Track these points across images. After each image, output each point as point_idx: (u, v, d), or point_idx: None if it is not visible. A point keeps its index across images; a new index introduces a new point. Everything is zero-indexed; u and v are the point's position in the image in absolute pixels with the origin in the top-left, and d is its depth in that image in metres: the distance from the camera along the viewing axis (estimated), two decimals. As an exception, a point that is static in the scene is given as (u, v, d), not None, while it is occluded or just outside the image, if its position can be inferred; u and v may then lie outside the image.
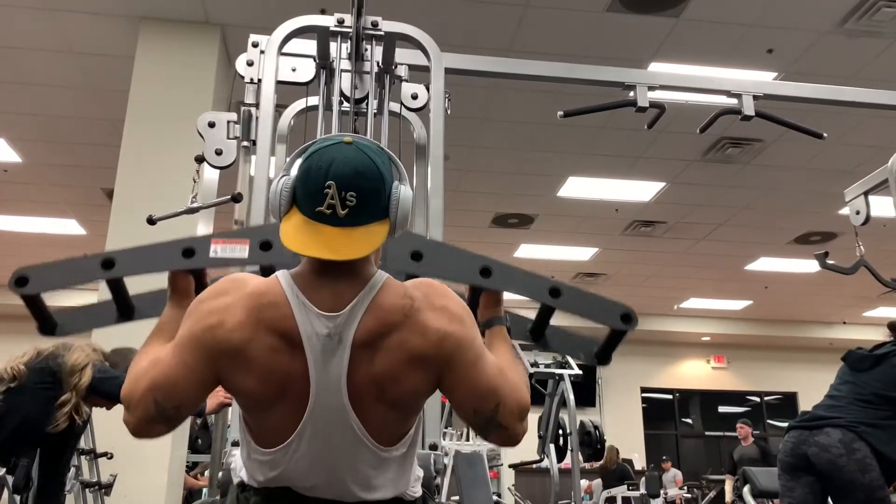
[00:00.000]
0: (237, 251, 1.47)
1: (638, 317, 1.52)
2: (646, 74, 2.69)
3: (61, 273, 1.44)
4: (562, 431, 5.81)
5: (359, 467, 1.20)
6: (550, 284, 1.53)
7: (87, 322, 1.62)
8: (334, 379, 1.15)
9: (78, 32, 4.66)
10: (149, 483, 3.96)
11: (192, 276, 1.42)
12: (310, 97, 2.44)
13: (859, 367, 2.87)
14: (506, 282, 1.49)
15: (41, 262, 1.42)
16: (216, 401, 2.59)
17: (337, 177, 1.15)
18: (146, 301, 1.55)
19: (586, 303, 1.55)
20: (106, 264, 1.43)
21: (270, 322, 1.15)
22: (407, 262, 1.52)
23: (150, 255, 1.45)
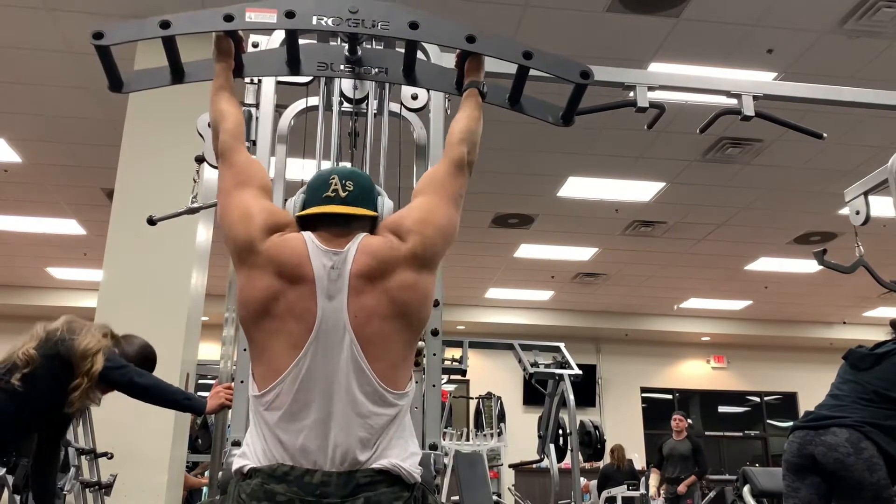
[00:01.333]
0: (267, 17, 1.74)
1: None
2: (646, 74, 2.68)
3: (129, 30, 1.76)
4: (562, 431, 5.82)
5: (358, 397, 1.37)
6: (524, 48, 1.82)
7: (148, 81, 1.92)
8: (337, 303, 1.40)
9: (78, 32, 4.66)
10: (149, 483, 3.96)
11: (231, 40, 1.76)
12: (310, 97, 2.44)
13: (860, 365, 2.87)
14: (487, 46, 1.81)
15: None
16: (217, 401, 2.58)
17: (338, 173, 1.56)
18: (195, 66, 1.87)
19: (553, 62, 1.85)
20: (163, 25, 1.71)
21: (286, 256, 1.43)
22: (406, 30, 1.79)
23: (199, 19, 1.75)
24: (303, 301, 1.40)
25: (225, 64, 1.75)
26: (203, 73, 1.85)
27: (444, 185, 1.60)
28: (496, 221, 7.95)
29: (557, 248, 8.82)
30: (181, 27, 1.73)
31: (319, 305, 1.39)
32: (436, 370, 1.99)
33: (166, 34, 1.72)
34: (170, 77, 1.85)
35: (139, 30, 1.75)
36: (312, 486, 1.30)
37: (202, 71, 1.85)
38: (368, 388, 1.38)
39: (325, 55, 1.95)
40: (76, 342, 2.55)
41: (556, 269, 9.51)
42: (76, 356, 2.53)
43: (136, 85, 1.90)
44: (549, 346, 6.02)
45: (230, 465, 1.48)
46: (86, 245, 8.56)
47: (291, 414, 1.36)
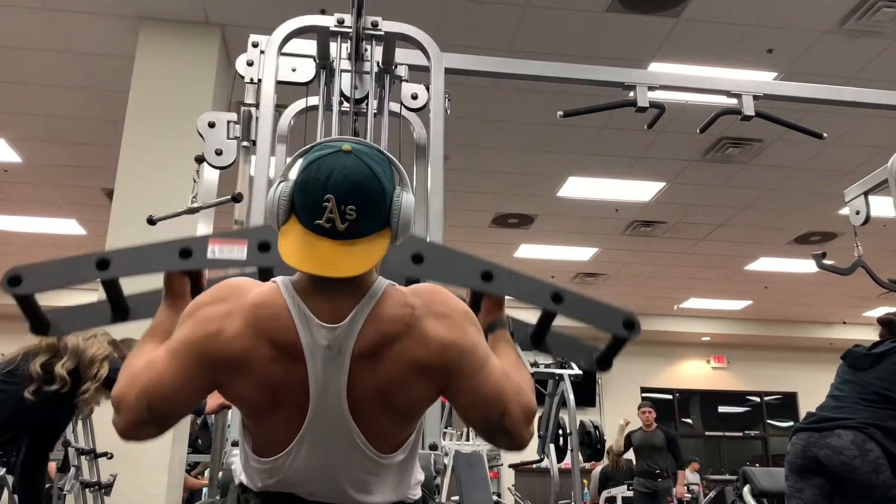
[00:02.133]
0: (235, 252, 1.44)
1: (640, 321, 1.51)
2: (646, 74, 2.69)
3: (55, 273, 1.40)
4: (562, 431, 5.81)
5: (358, 475, 1.20)
6: (553, 289, 1.51)
7: (81, 322, 1.60)
8: (334, 390, 1.14)
9: (78, 32, 4.66)
10: (149, 483, 3.96)
11: (188, 278, 1.39)
12: (310, 97, 2.44)
13: (859, 365, 2.87)
14: (507, 286, 1.48)
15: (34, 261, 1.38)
16: (216, 401, 2.59)
17: (336, 190, 1.12)
18: (142, 301, 1.51)
19: (589, 308, 1.51)
20: (101, 265, 1.40)
21: (271, 333, 1.13)
22: (408, 265, 1.49)
23: (146, 256, 1.42)
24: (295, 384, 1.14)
25: (173, 311, 1.30)
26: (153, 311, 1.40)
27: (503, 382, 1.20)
28: (496, 221, 7.94)
29: (557, 248, 8.82)
30: (122, 268, 1.41)
31: (312, 394, 1.14)
32: (436, 370, 1.97)
33: (105, 276, 1.41)
34: (110, 315, 1.51)
35: (69, 272, 1.42)
36: None
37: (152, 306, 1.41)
38: (369, 462, 1.20)
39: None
40: (86, 350, 2.60)
41: (556, 269, 9.51)
42: (84, 362, 2.57)
43: (65, 326, 1.54)
44: (549, 346, 6.00)
45: (230, 465, 1.46)
46: (86, 245, 8.55)
47: (285, 483, 1.21)
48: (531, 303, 1.52)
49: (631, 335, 1.47)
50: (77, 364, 2.58)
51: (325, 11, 2.37)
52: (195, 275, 1.41)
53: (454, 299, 1.23)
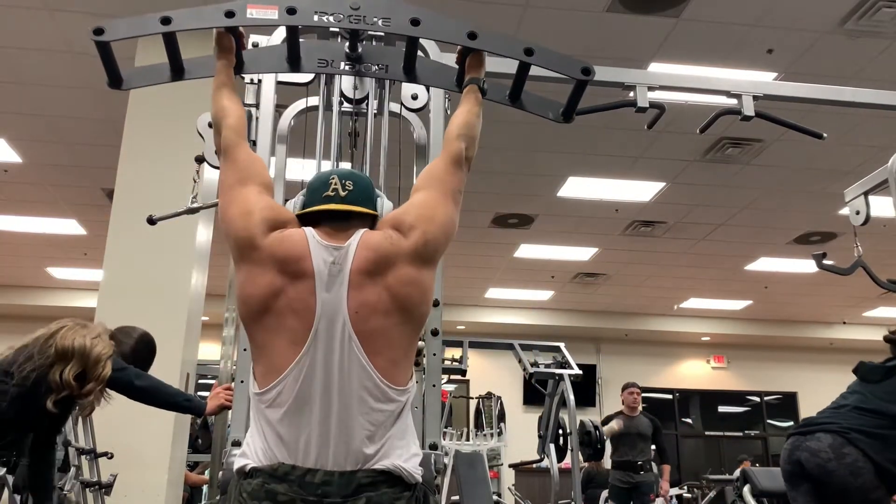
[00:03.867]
0: (268, 13, 1.74)
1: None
2: (646, 74, 2.68)
3: (130, 26, 1.74)
4: (562, 431, 5.81)
5: (358, 392, 1.37)
6: (525, 45, 1.82)
7: (147, 78, 1.91)
8: (336, 300, 1.40)
9: (78, 32, 4.66)
10: (149, 483, 3.96)
11: (232, 37, 1.75)
12: (310, 97, 2.44)
13: (869, 377, 2.84)
14: (488, 43, 1.81)
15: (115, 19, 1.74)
16: (216, 402, 2.59)
17: (338, 173, 1.57)
18: (195, 63, 1.85)
19: (554, 59, 1.85)
20: (164, 21, 1.71)
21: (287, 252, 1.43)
22: (407, 27, 1.79)
23: (200, 15, 1.74)
24: (303, 297, 1.39)
25: (226, 61, 1.75)
26: (203, 70, 1.85)
27: (443, 180, 1.60)
28: (496, 221, 7.95)
29: (557, 248, 8.82)
30: (182, 23, 1.72)
31: (319, 301, 1.39)
32: (436, 370, 1.99)
33: (167, 30, 1.72)
34: (169, 74, 1.84)
35: (141, 26, 1.74)
36: (314, 485, 1.30)
37: (202, 68, 1.84)
38: (369, 382, 1.37)
39: (325, 52, 1.95)
40: (92, 350, 2.60)
41: (556, 269, 9.51)
42: (90, 362, 2.57)
43: (135, 81, 1.90)
44: (549, 346, 6.01)
45: (230, 465, 1.47)
46: (86, 245, 8.56)
47: (293, 411, 1.36)
48: (508, 56, 1.86)
49: (588, 79, 1.82)
50: (83, 366, 2.58)
51: (325, 11, 2.37)
52: (238, 34, 1.77)
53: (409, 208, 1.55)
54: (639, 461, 6.01)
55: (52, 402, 2.56)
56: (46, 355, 2.59)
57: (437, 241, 1.51)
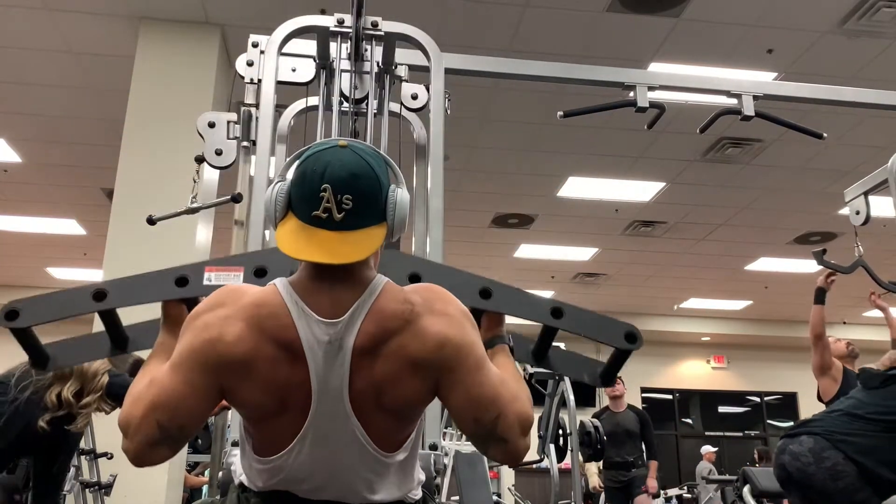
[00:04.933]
0: (231, 279, 1.44)
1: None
2: (646, 74, 2.69)
3: (52, 306, 1.40)
4: (562, 431, 5.80)
5: (361, 473, 1.19)
6: (552, 305, 1.49)
7: (80, 355, 1.61)
8: (336, 386, 1.14)
9: (78, 32, 4.66)
10: (149, 483, 3.96)
11: (185, 305, 1.39)
12: (310, 97, 2.44)
13: (869, 384, 2.84)
14: (506, 304, 1.46)
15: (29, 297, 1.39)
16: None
17: (332, 180, 1.13)
18: (140, 331, 1.52)
19: (589, 322, 1.51)
20: (97, 296, 1.40)
21: (272, 332, 1.13)
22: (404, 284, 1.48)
23: (143, 286, 1.43)
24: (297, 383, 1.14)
25: (171, 337, 1.28)
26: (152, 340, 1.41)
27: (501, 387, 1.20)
28: (496, 221, 7.94)
29: (557, 248, 8.81)
30: (120, 298, 1.42)
31: (314, 391, 1.14)
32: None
33: (102, 308, 1.42)
34: (109, 347, 1.51)
35: (66, 304, 1.41)
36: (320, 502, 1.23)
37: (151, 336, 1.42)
38: (370, 459, 1.19)
39: None
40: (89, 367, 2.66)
41: (556, 269, 9.50)
42: (88, 378, 2.64)
43: (64, 359, 1.55)
44: (548, 346, 6.00)
45: (230, 466, 1.46)
46: (86, 245, 8.56)
47: (287, 481, 1.20)
48: (531, 319, 1.50)
49: (633, 348, 1.47)
50: (82, 384, 2.63)
51: (325, 11, 2.38)
52: (192, 301, 1.39)
53: (452, 297, 1.23)
54: (629, 459, 5.85)
55: (45, 421, 2.59)
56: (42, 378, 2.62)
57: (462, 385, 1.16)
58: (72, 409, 2.61)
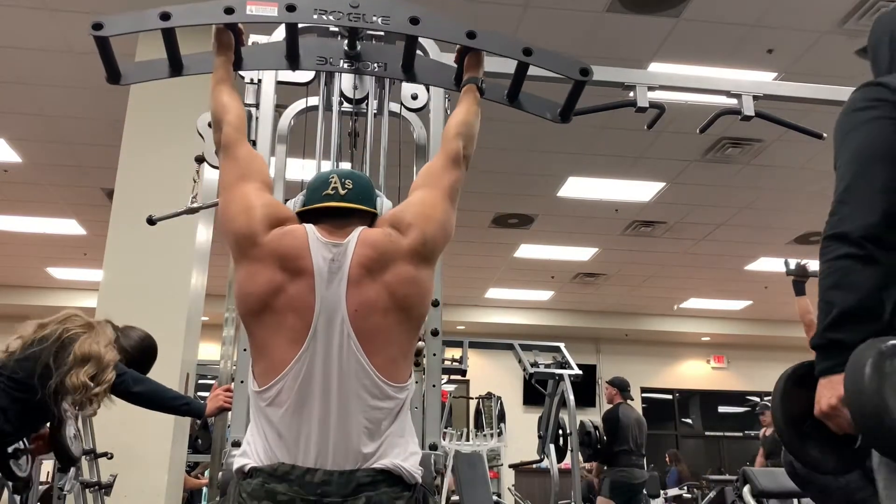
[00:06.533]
0: (268, 10, 1.75)
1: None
2: (646, 74, 2.69)
3: (129, 21, 1.74)
4: (562, 431, 5.81)
5: (357, 391, 1.37)
6: (524, 45, 1.83)
7: (146, 73, 1.89)
8: (335, 297, 1.39)
9: (78, 32, 4.65)
10: (149, 483, 3.96)
11: (231, 33, 1.75)
12: (310, 97, 2.44)
13: None
14: (487, 42, 1.82)
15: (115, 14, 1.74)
16: (216, 404, 2.60)
17: (337, 173, 1.58)
18: (194, 59, 1.85)
19: (553, 59, 1.87)
20: (164, 16, 1.71)
21: (288, 248, 1.43)
22: (406, 25, 1.80)
23: (199, 11, 1.73)
24: (302, 294, 1.39)
25: (225, 57, 1.74)
26: (202, 66, 1.84)
27: (441, 179, 1.60)
28: (496, 221, 7.94)
29: (557, 248, 8.81)
30: (182, 19, 1.72)
31: (318, 298, 1.39)
32: (436, 370, 1.99)
33: (166, 26, 1.72)
34: (168, 69, 1.83)
35: (139, 21, 1.75)
36: (313, 485, 1.30)
37: (201, 64, 1.84)
38: (367, 380, 1.37)
39: (324, 50, 1.95)
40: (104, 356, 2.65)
41: (556, 269, 9.51)
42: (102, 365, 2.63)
43: (133, 77, 1.88)
44: (549, 346, 6.01)
45: (230, 466, 1.47)
46: (86, 245, 8.56)
47: (293, 409, 1.35)
48: (506, 55, 1.86)
49: (587, 79, 1.83)
50: (97, 369, 2.63)
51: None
52: (237, 31, 1.77)
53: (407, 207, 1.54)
54: None
55: (70, 403, 2.63)
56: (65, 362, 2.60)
57: (436, 239, 1.50)
58: (87, 391, 2.62)
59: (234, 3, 1.72)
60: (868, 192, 1.39)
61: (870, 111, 1.46)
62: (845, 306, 1.27)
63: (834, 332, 1.28)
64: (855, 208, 1.39)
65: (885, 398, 1.15)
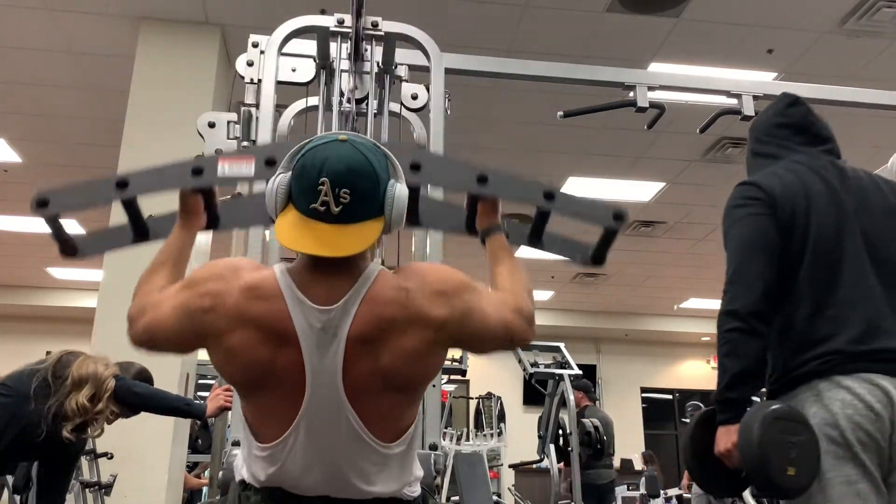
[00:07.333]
0: (243, 169, 1.50)
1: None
2: (646, 74, 2.69)
3: (79, 194, 1.49)
4: (562, 431, 5.81)
5: (359, 464, 1.21)
6: (545, 188, 1.59)
7: (106, 244, 1.68)
8: (330, 373, 1.16)
9: (78, 32, 4.66)
10: (149, 483, 3.96)
11: (201, 196, 1.46)
12: (310, 97, 2.44)
13: None
14: (501, 188, 1.54)
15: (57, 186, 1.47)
16: (216, 404, 2.61)
17: (330, 173, 1.16)
18: (160, 223, 1.58)
19: (579, 205, 1.62)
20: (120, 184, 1.47)
21: (260, 316, 1.17)
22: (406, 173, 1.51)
23: (162, 175, 1.49)
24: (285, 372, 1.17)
25: (188, 229, 1.43)
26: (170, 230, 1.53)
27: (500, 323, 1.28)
28: (496, 221, 7.93)
29: (557, 248, 8.80)
30: (141, 186, 1.48)
31: (308, 377, 1.16)
32: (436, 370, 1.98)
33: (124, 196, 1.48)
34: (131, 237, 1.57)
35: (92, 192, 1.51)
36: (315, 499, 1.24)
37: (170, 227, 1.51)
38: (367, 450, 1.21)
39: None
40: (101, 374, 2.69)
41: (556, 269, 9.50)
42: (99, 381, 2.67)
43: (92, 250, 1.62)
44: (549, 346, 6.01)
45: (231, 465, 1.46)
46: (86, 245, 8.55)
47: (287, 470, 1.22)
48: (525, 201, 1.61)
49: (620, 226, 1.56)
50: (95, 389, 2.66)
51: (325, 11, 2.37)
52: (207, 192, 1.47)
53: (442, 272, 1.28)
54: None
55: (68, 430, 2.61)
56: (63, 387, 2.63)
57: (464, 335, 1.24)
58: (87, 414, 2.63)
59: (204, 162, 1.48)
60: (750, 277, 1.66)
61: (746, 208, 1.75)
62: (735, 371, 1.63)
63: (729, 392, 1.64)
64: (741, 290, 1.66)
65: (766, 454, 1.54)
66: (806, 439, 1.56)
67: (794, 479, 1.55)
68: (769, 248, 1.68)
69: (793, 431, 1.56)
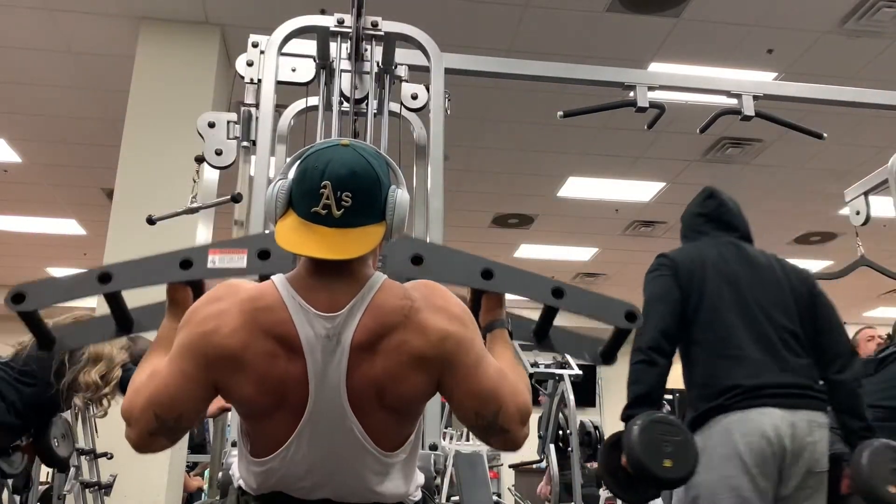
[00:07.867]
0: (235, 261, 1.44)
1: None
2: (646, 74, 2.69)
3: (58, 289, 1.41)
4: (562, 431, 5.80)
5: (362, 473, 1.19)
6: (553, 285, 1.52)
7: (85, 337, 1.64)
8: (333, 381, 1.14)
9: (78, 32, 4.66)
10: (149, 483, 3.95)
11: (190, 288, 1.40)
12: (310, 97, 2.44)
13: (866, 370, 2.86)
14: (507, 284, 1.48)
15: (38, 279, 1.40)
16: (216, 404, 2.61)
17: (333, 177, 1.15)
18: (146, 314, 1.52)
19: (589, 302, 1.55)
20: (103, 278, 1.40)
21: (267, 326, 1.13)
22: (407, 266, 1.48)
23: (147, 268, 1.42)
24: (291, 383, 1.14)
25: (177, 321, 1.27)
26: (157, 322, 1.44)
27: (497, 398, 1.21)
28: (496, 221, 7.94)
29: (557, 248, 8.81)
30: (125, 280, 1.41)
31: (312, 386, 1.14)
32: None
33: (107, 290, 1.41)
34: (115, 329, 1.51)
35: (73, 287, 1.43)
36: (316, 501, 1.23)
37: (157, 318, 1.43)
38: (371, 459, 1.19)
39: None
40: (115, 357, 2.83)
41: (556, 269, 9.50)
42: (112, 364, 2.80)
43: (70, 341, 1.57)
44: (549, 346, 5.99)
45: (230, 465, 1.46)
46: (86, 245, 8.56)
47: (287, 481, 1.21)
48: (532, 299, 1.52)
49: (633, 326, 1.50)
50: (108, 368, 2.76)
51: (325, 11, 2.38)
52: (196, 284, 1.41)
53: (452, 296, 1.24)
54: None
55: (82, 400, 2.81)
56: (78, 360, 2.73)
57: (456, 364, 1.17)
58: (98, 391, 2.74)
59: (193, 254, 1.42)
60: (653, 321, 2.07)
61: (656, 272, 2.21)
62: (638, 393, 2.06)
63: (630, 410, 2.04)
64: (645, 330, 2.05)
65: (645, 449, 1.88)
66: (682, 439, 1.88)
67: (671, 471, 1.85)
68: (669, 300, 2.11)
69: (669, 433, 1.89)
